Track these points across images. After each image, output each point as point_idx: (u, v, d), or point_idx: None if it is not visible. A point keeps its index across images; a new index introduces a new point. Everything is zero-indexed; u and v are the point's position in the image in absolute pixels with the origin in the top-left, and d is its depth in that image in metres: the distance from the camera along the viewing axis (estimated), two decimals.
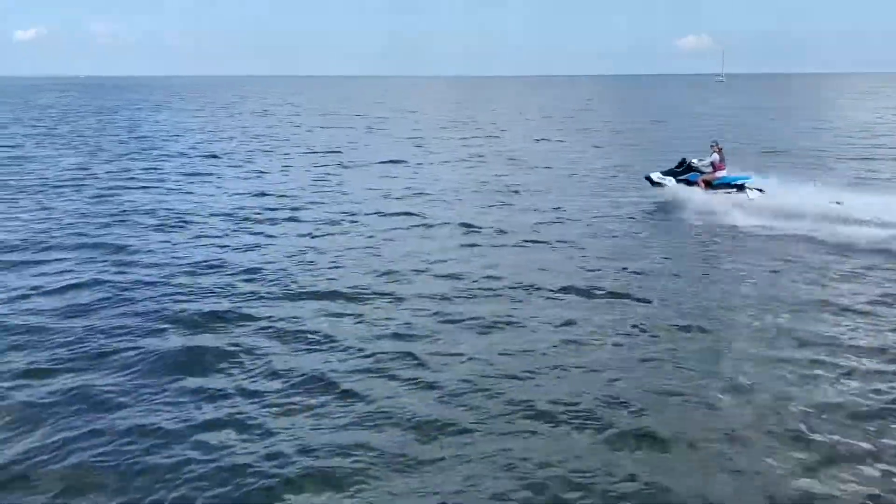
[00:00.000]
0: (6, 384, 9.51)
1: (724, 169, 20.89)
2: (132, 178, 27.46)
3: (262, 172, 29.17)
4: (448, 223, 19.14)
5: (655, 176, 21.57)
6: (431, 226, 18.93)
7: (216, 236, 17.88)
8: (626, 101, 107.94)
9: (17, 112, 75.48)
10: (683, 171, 21.22)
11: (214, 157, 34.63)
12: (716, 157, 20.82)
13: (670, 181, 21.23)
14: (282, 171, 30.01)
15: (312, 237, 17.83)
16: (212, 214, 20.39)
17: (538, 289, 13.29)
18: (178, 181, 26.86)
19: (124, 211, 21.03)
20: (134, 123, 59.03)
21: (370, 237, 17.64)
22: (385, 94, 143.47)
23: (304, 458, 7.44)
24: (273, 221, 19.66)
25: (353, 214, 20.45)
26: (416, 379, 9.40)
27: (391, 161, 32.46)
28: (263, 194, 23.77)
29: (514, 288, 13.37)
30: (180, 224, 19.25)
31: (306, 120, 65.40)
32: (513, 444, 7.72)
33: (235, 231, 18.48)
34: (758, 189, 20.38)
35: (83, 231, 18.45)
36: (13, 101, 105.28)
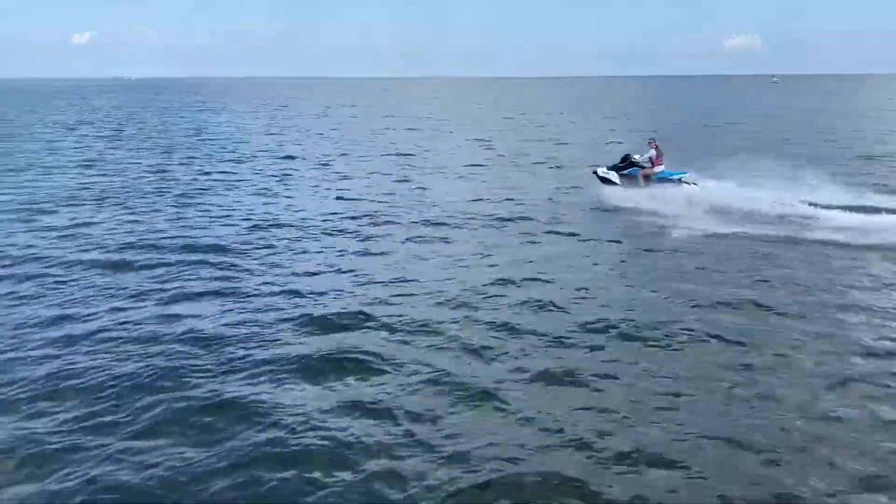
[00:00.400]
0: (149, 399, 9.00)
1: (661, 164, 22.05)
2: (215, 181, 27.26)
3: (344, 175, 28.72)
4: (551, 231, 18.37)
5: (601, 171, 22.91)
6: (534, 233, 18.17)
7: (317, 240, 17.48)
8: (686, 103, 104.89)
9: (83, 114, 76.95)
10: (626, 167, 22.46)
11: (290, 158, 34.43)
12: (653, 152, 21.94)
13: (614, 175, 22.54)
14: (362, 173, 29.46)
15: (414, 241, 17.26)
16: (305, 219, 19.93)
17: (682, 301, 12.48)
18: (262, 184, 26.58)
19: (216, 214, 20.74)
20: (199, 124, 59.59)
21: (479, 242, 17.02)
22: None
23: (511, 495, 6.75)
24: (371, 224, 19.18)
25: (449, 219, 19.82)
26: (587, 402, 8.69)
27: (470, 165, 31.77)
28: (352, 198, 23.28)
29: (656, 299, 12.57)
30: (276, 227, 18.89)
31: (367, 122, 65.02)
32: (721, 484, 6.94)
33: (335, 235, 18.04)
34: (694, 183, 21.58)
35: (181, 234, 18.11)
36: (76, 102, 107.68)
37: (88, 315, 12.25)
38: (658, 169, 21.93)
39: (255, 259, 15.64)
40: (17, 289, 13.77)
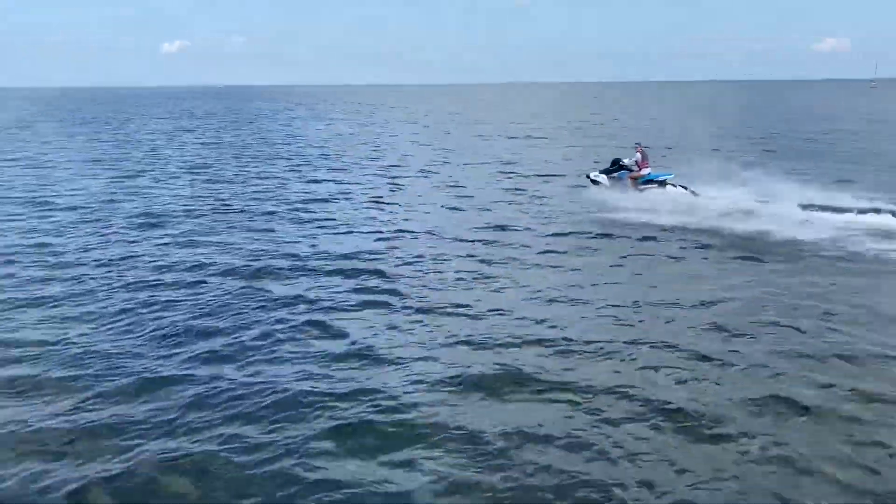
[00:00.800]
0: (326, 422, 8.58)
1: (647, 167, 23.24)
2: (328, 190, 27.03)
3: (453, 184, 28.07)
4: (698, 244, 17.15)
5: (593, 175, 24.31)
6: (681, 246, 17.05)
7: (448, 250, 16.91)
8: (786, 109, 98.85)
9: (180, 121, 79.17)
10: (616, 170, 23.70)
11: (395, 166, 34.06)
12: (638, 156, 23.17)
13: (603, 178, 23.87)
14: (471, 182, 28.63)
15: (553, 253, 16.55)
16: (431, 230, 19.29)
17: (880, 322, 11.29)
18: (374, 192, 26.20)
19: (340, 223, 20.48)
20: (294, 132, 60.35)
21: (620, 256, 16.27)
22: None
23: None
24: (499, 235, 18.55)
25: (579, 230, 19.09)
26: (830, 440, 7.76)
27: (578, 174, 30.51)
28: (470, 208, 22.73)
29: (850, 323, 11.41)
30: (402, 237, 18.47)
31: (458, 129, 64.02)
32: None
33: (467, 244, 17.51)
34: (682, 186, 22.41)
35: (311, 245, 17.82)
36: (172, 110, 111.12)
37: (235, 328, 11.95)
38: (645, 171, 23.13)
39: (394, 270, 15.19)
40: (155, 298, 13.60)
